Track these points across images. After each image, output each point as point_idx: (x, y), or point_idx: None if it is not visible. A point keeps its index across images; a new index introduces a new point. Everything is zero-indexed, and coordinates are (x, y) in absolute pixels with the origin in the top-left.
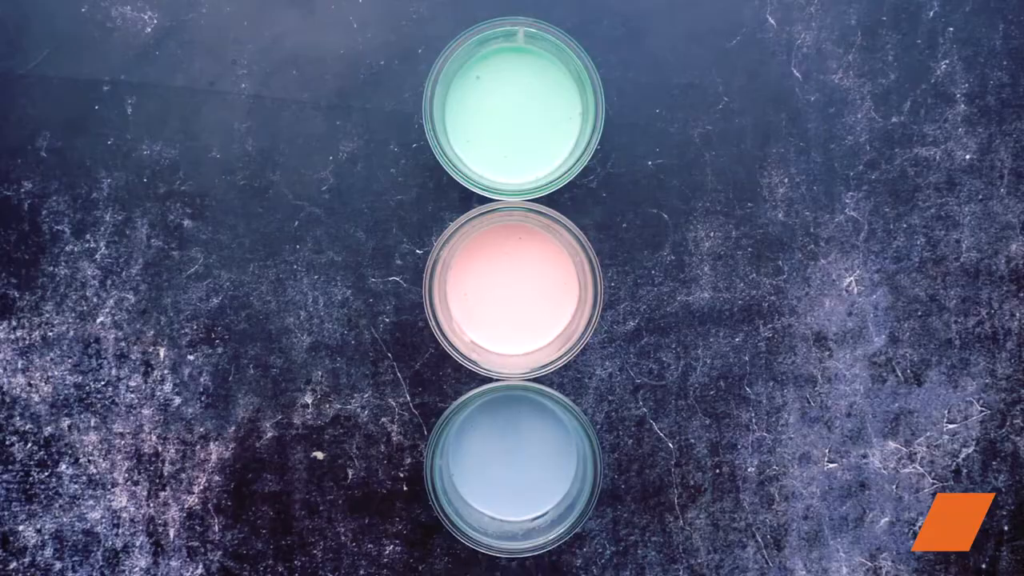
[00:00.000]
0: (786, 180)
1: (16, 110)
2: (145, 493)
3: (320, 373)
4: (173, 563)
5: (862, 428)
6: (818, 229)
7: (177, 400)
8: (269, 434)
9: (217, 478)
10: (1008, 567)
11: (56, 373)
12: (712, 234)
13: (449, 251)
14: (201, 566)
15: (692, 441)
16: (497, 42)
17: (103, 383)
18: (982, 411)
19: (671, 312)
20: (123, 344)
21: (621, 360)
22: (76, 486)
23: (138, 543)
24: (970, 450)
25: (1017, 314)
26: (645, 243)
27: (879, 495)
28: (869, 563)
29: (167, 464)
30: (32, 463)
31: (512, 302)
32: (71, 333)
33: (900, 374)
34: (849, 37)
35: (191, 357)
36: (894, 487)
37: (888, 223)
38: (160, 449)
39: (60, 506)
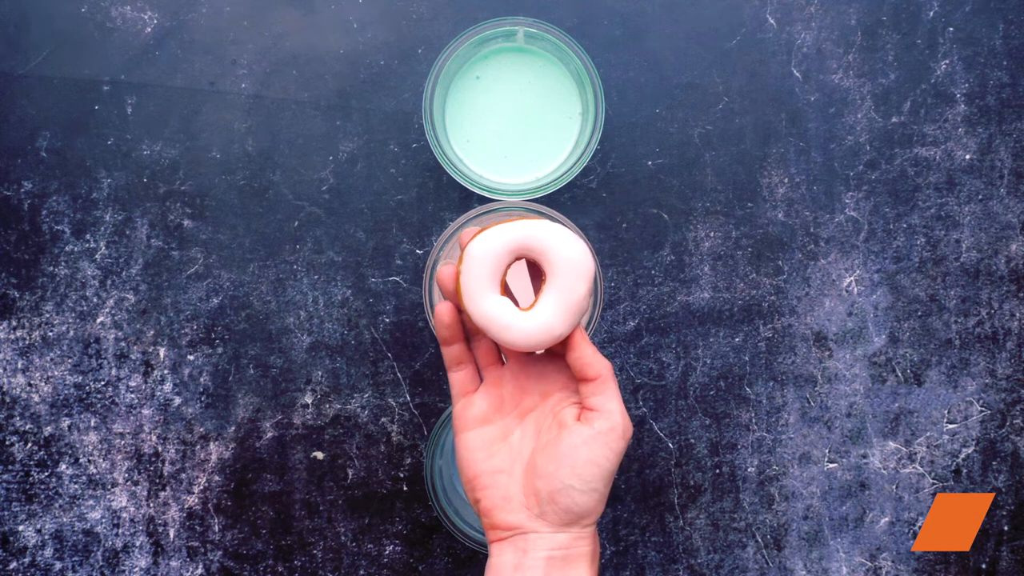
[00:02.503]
0: (786, 180)
1: (16, 110)
2: (145, 493)
3: (320, 373)
4: (173, 563)
5: (862, 428)
6: (818, 229)
7: (177, 400)
8: (269, 434)
9: (217, 478)
10: (1008, 567)
11: (56, 373)
12: (712, 234)
13: (449, 251)
14: (201, 566)
15: (692, 441)
16: (497, 42)
17: (103, 383)
18: (982, 411)
19: (671, 312)
20: (123, 344)
21: (621, 360)
22: (76, 486)
23: (138, 543)
24: (970, 450)
25: (1017, 314)
26: (645, 243)
27: (879, 495)
28: (869, 563)
29: (167, 464)
30: (32, 463)
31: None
32: (71, 333)
33: (900, 374)
34: (849, 37)
35: (191, 357)
36: (894, 487)
37: (888, 223)
38: (160, 449)
39: (60, 506)
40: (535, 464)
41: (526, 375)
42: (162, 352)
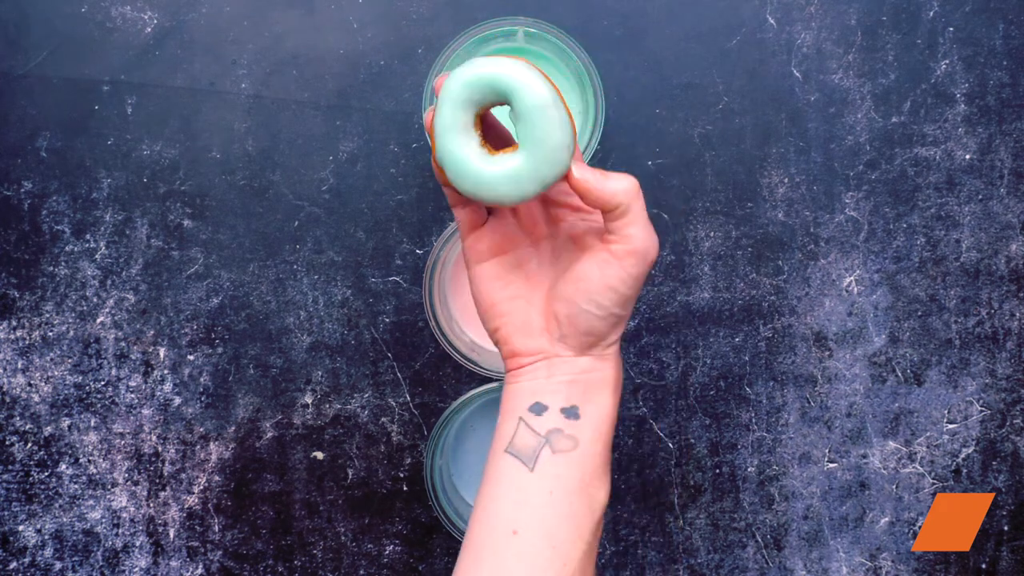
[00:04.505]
0: (786, 180)
1: (16, 110)
2: (145, 493)
3: (320, 373)
4: (173, 563)
5: (862, 428)
6: (818, 229)
7: (177, 400)
8: (269, 434)
9: (217, 478)
10: (1008, 567)
11: (56, 373)
12: (712, 234)
13: (449, 251)
14: (201, 566)
15: (692, 441)
16: (497, 42)
17: (103, 383)
18: (982, 411)
19: (671, 312)
20: (123, 344)
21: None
22: (76, 486)
23: (138, 543)
24: (970, 450)
25: (1017, 314)
26: None
27: (879, 495)
28: (869, 563)
29: (167, 464)
30: (32, 463)
31: None
32: (71, 333)
33: (900, 374)
34: (849, 37)
35: (191, 357)
36: (894, 487)
37: (888, 223)
38: (160, 449)
39: (60, 506)
40: (555, 289)
41: (534, 203)
42: (162, 352)
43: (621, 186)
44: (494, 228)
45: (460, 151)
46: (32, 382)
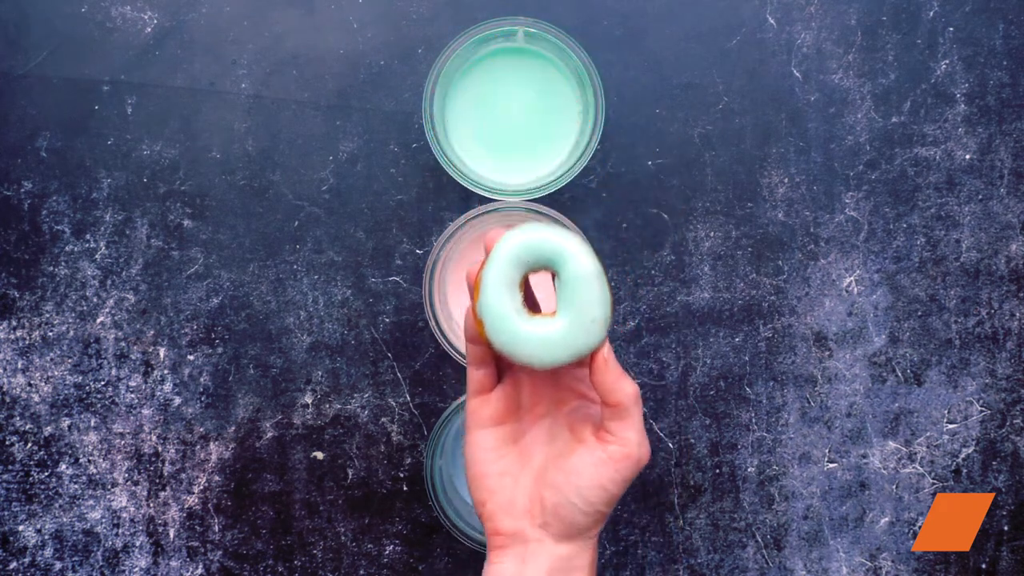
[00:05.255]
0: (786, 180)
1: (16, 110)
2: (145, 493)
3: (320, 373)
4: (173, 563)
5: (862, 428)
6: (818, 229)
7: (177, 400)
8: (269, 434)
9: (217, 478)
10: (1008, 567)
11: (56, 373)
12: (712, 234)
13: (449, 251)
14: (201, 566)
15: (692, 441)
16: (497, 42)
17: (103, 383)
18: (982, 411)
19: (671, 312)
20: (123, 344)
21: (621, 360)
22: (76, 486)
23: (138, 543)
24: (970, 450)
25: (1017, 314)
26: (645, 243)
27: (879, 495)
28: (869, 563)
29: (167, 464)
30: (32, 463)
31: None
32: (71, 333)
33: (900, 374)
34: (849, 37)
35: (191, 357)
36: (894, 487)
37: (888, 223)
38: (160, 449)
39: (60, 506)
40: (545, 473)
41: (544, 380)
42: (162, 352)
43: (630, 387)
44: (500, 397)
45: (502, 306)
46: (32, 382)
